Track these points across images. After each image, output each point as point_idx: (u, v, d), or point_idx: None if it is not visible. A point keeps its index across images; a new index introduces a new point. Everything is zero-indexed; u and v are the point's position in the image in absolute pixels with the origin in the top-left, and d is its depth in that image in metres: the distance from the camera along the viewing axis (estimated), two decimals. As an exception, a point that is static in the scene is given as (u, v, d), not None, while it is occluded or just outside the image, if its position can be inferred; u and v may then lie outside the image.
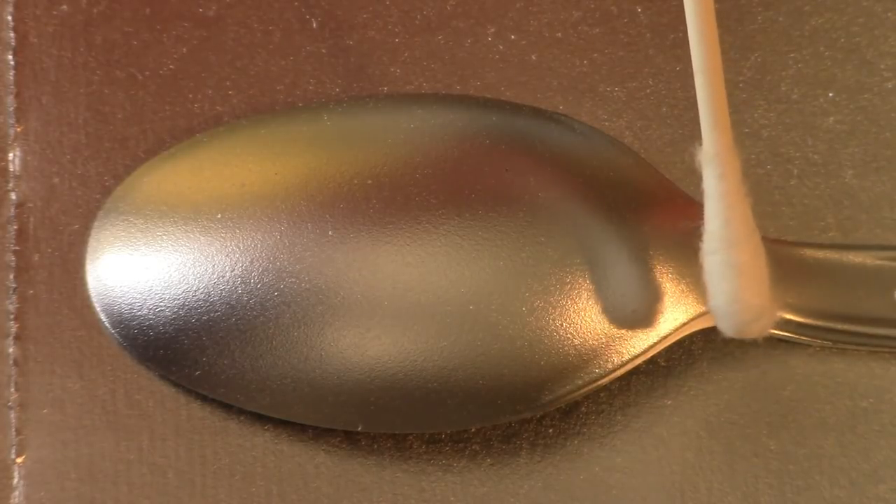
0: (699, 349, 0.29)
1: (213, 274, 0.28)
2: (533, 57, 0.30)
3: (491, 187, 0.28)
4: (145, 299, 0.28)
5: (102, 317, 0.29)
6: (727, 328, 0.27)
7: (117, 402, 0.29)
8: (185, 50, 0.30)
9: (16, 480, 0.29)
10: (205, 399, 0.29)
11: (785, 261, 0.29)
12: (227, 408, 0.29)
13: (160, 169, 0.29)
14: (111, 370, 0.29)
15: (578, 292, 0.28)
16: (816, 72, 0.30)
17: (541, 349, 0.28)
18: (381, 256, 0.28)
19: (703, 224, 0.27)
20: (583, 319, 0.28)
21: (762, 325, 0.27)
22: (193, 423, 0.29)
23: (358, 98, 0.30)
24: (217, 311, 0.28)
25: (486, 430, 0.29)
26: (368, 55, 0.30)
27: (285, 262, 0.28)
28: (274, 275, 0.28)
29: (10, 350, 0.29)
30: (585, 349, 0.28)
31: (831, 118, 0.30)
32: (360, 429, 0.28)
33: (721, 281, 0.27)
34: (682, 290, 0.28)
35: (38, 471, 0.29)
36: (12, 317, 0.29)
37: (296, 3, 0.31)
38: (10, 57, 0.30)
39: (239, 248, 0.28)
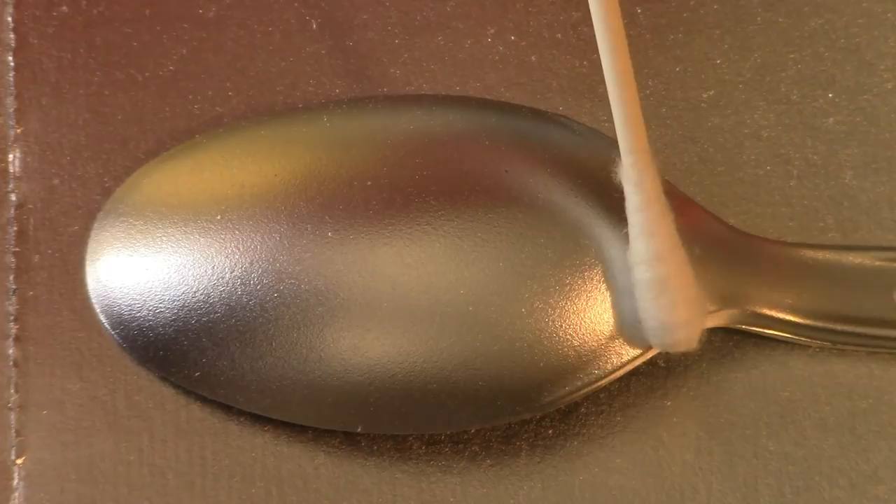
0: (699, 350, 0.29)
1: (212, 275, 0.28)
2: (533, 58, 0.30)
3: (490, 188, 0.28)
4: (145, 300, 0.28)
5: (102, 318, 0.29)
6: (654, 340, 0.27)
7: (117, 403, 0.29)
8: (184, 51, 0.30)
9: (16, 482, 0.29)
10: (205, 400, 0.29)
11: (785, 262, 0.29)
12: (227, 409, 0.29)
13: (160, 170, 0.29)
14: (111, 371, 0.29)
15: (578, 293, 0.28)
16: (816, 72, 0.30)
17: (540, 350, 0.28)
18: (380, 258, 0.28)
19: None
20: (582, 321, 0.28)
21: (688, 337, 0.27)
22: (193, 424, 0.29)
23: (358, 99, 0.30)
24: (217, 312, 0.28)
25: (486, 431, 0.29)
26: (368, 56, 0.30)
27: (285, 264, 0.28)
28: (273, 276, 0.28)
29: (10, 351, 0.29)
30: (585, 350, 0.28)
31: (831, 119, 0.30)
32: (359, 430, 0.28)
33: (647, 293, 0.27)
34: (682, 291, 0.28)
35: (38, 472, 0.29)
36: (12, 318, 0.29)
37: (296, 5, 0.31)
38: (10, 58, 0.30)
39: (239, 250, 0.28)
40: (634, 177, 0.26)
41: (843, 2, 0.30)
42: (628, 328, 0.28)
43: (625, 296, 0.28)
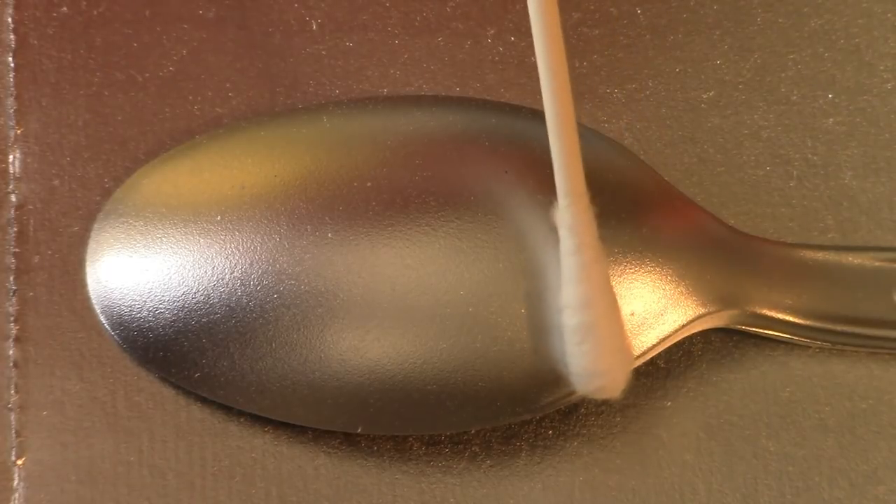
0: (698, 351, 0.29)
1: (212, 276, 0.28)
2: (533, 58, 0.30)
3: (490, 189, 0.28)
4: (145, 301, 0.28)
5: (102, 319, 0.29)
6: (578, 384, 0.27)
7: (117, 403, 0.29)
8: (184, 51, 0.30)
9: (16, 482, 0.29)
10: (204, 401, 0.29)
11: (784, 262, 0.29)
12: (227, 409, 0.29)
13: (160, 171, 0.29)
14: (111, 372, 0.29)
15: (578, 294, 0.28)
16: (816, 73, 0.30)
17: (540, 351, 0.28)
18: (380, 258, 0.28)
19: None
20: (582, 321, 0.28)
21: (611, 385, 0.27)
22: (193, 424, 0.29)
23: (357, 100, 0.30)
24: (217, 312, 0.28)
25: (486, 432, 0.29)
26: (368, 57, 0.30)
27: (285, 265, 0.28)
28: (273, 277, 0.28)
29: (11, 352, 0.29)
30: (585, 351, 0.28)
31: (831, 119, 0.30)
32: (359, 430, 0.28)
33: (572, 338, 0.27)
34: (682, 292, 0.28)
35: (38, 473, 0.29)
36: (12, 319, 0.29)
37: (296, 5, 0.31)
38: (10, 59, 0.30)
39: (238, 251, 0.28)
40: (568, 220, 0.26)
41: (843, 2, 0.30)
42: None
43: (624, 297, 0.28)
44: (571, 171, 0.26)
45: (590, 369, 0.27)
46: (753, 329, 0.29)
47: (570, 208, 0.26)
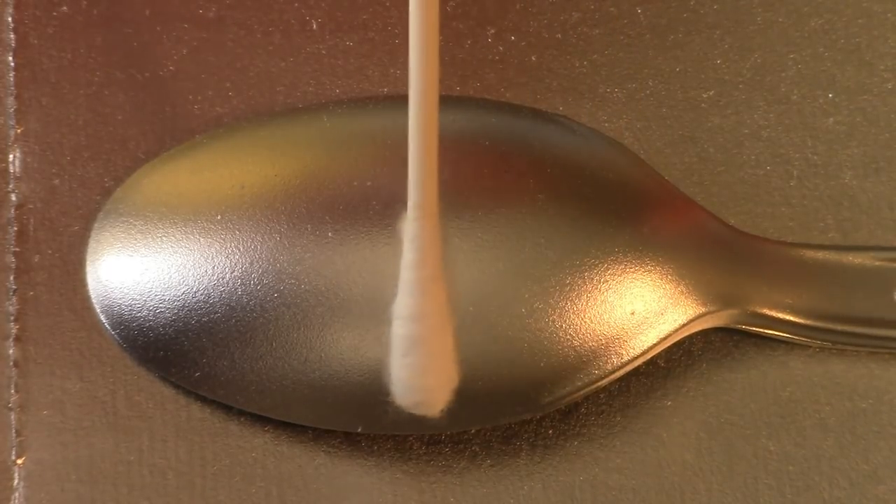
0: (699, 350, 0.29)
1: (212, 275, 0.28)
2: (533, 58, 0.30)
3: (490, 189, 0.28)
4: (145, 301, 0.28)
5: (102, 318, 0.29)
6: (397, 395, 0.27)
7: (117, 403, 0.29)
8: (185, 51, 0.30)
9: (16, 482, 0.29)
10: (205, 400, 0.29)
11: (785, 262, 0.29)
12: (227, 409, 0.29)
13: (160, 170, 0.29)
14: (111, 371, 0.29)
15: (578, 294, 0.28)
16: (816, 72, 0.30)
17: (540, 350, 0.28)
18: (380, 258, 0.28)
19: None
20: (582, 321, 0.28)
21: (428, 403, 0.27)
22: (193, 424, 0.29)
23: (358, 99, 0.30)
24: (217, 312, 0.28)
25: (486, 432, 0.29)
26: (368, 56, 0.30)
27: (285, 264, 0.28)
28: (274, 276, 0.28)
29: (11, 352, 0.29)
30: (585, 350, 0.28)
31: (831, 119, 0.30)
32: (359, 430, 0.28)
33: (398, 349, 0.26)
34: (682, 292, 0.28)
35: (39, 472, 0.29)
36: (12, 318, 0.29)
37: (296, 5, 0.31)
38: (10, 58, 0.30)
39: (239, 250, 0.28)
40: (413, 233, 0.26)
41: (843, 2, 0.30)
42: (627, 328, 0.28)
43: (624, 297, 0.28)
44: (426, 184, 0.25)
45: (410, 383, 0.26)
46: (753, 329, 0.29)
47: (418, 222, 0.26)
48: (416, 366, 0.26)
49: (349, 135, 0.29)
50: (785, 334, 0.29)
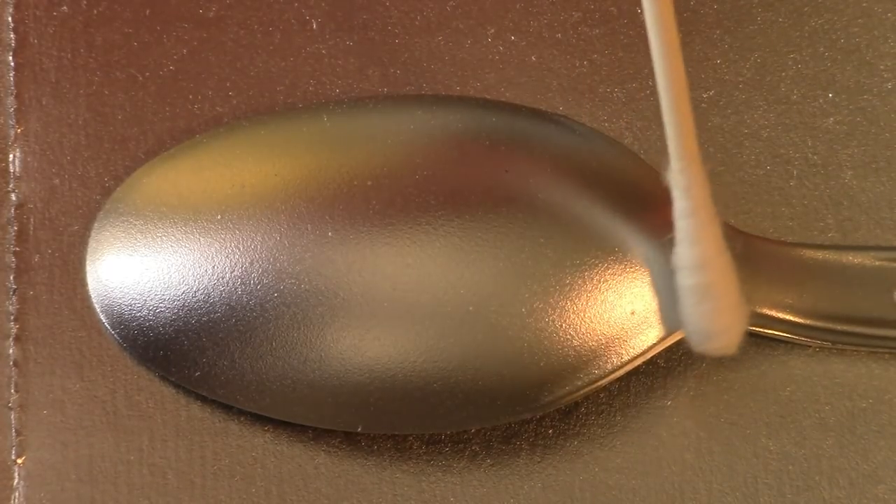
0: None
1: (212, 275, 0.28)
2: (533, 58, 0.30)
3: (490, 188, 0.28)
4: (145, 300, 0.28)
5: (102, 318, 0.29)
6: (696, 343, 0.27)
7: (117, 403, 0.29)
8: (185, 51, 0.30)
9: (16, 481, 0.29)
10: (205, 400, 0.29)
11: (784, 261, 0.29)
12: (227, 409, 0.29)
13: (160, 170, 0.29)
14: (111, 371, 0.29)
15: (578, 293, 0.28)
16: (816, 72, 0.30)
17: (540, 350, 0.28)
18: (380, 257, 0.28)
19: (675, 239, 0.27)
20: (582, 320, 0.28)
21: (728, 343, 0.27)
22: (193, 423, 0.29)
23: (358, 99, 0.30)
24: (217, 311, 0.28)
25: (486, 431, 0.29)
26: (368, 56, 0.30)
27: (285, 263, 0.28)
28: (274, 276, 0.28)
29: (11, 351, 0.29)
30: (585, 350, 0.28)
31: (831, 119, 0.30)
32: (359, 430, 0.28)
33: (690, 298, 0.27)
34: (682, 291, 0.28)
35: (39, 472, 0.29)
36: (12, 318, 0.29)
37: (296, 4, 0.31)
38: (11, 58, 0.30)
39: (239, 249, 0.28)
40: (683, 182, 0.26)
41: (843, 2, 0.30)
42: (627, 327, 0.28)
43: (624, 296, 0.28)
44: (685, 134, 0.26)
45: (708, 329, 0.27)
46: (753, 328, 0.29)
47: (685, 171, 0.26)
48: (713, 311, 0.27)
49: (349, 135, 0.29)
50: (785, 334, 0.29)
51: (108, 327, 0.29)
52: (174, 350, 0.28)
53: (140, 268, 0.28)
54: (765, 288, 0.29)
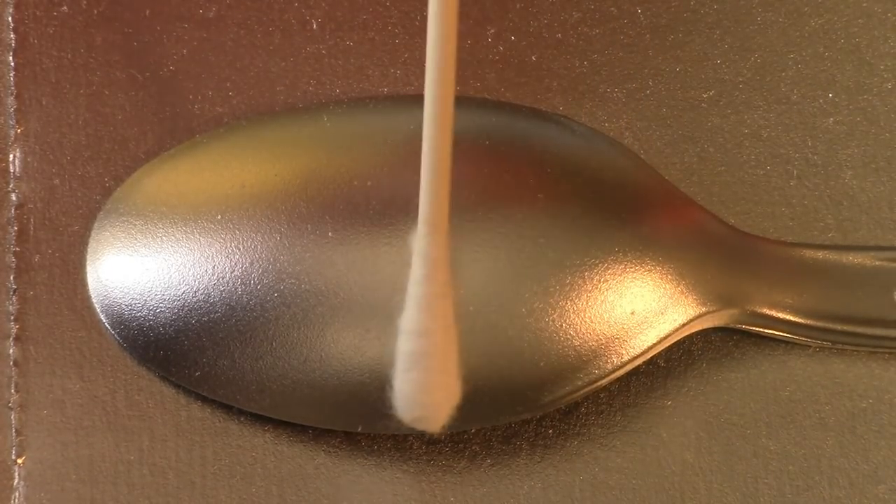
0: (698, 350, 0.29)
1: (213, 275, 0.28)
2: (533, 58, 0.30)
3: (490, 188, 0.28)
4: (145, 300, 0.28)
5: (103, 318, 0.29)
6: (401, 410, 0.26)
7: (117, 402, 0.29)
8: (185, 51, 0.30)
9: (16, 481, 0.29)
10: (205, 400, 0.29)
11: (785, 262, 0.29)
12: (227, 408, 0.29)
13: (160, 170, 0.29)
14: (111, 371, 0.29)
15: (578, 293, 0.28)
16: (816, 72, 0.30)
17: (540, 350, 0.28)
18: (380, 258, 0.28)
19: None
20: (582, 321, 0.28)
21: (430, 419, 0.26)
22: (193, 423, 0.29)
23: (358, 99, 0.30)
24: (217, 311, 0.28)
25: (486, 431, 0.29)
26: (368, 56, 0.30)
27: (285, 264, 0.28)
28: (274, 276, 0.28)
29: (11, 351, 0.29)
30: (585, 350, 0.28)
31: (831, 119, 0.30)
32: (359, 429, 0.28)
33: (403, 363, 0.26)
34: (682, 291, 0.28)
35: (39, 472, 0.29)
36: (12, 318, 0.29)
37: (296, 4, 0.31)
38: (11, 58, 0.30)
39: (239, 249, 0.28)
40: (423, 249, 0.25)
41: (843, 2, 0.30)
42: (627, 327, 0.28)
43: (624, 296, 0.28)
44: (438, 201, 0.25)
45: (412, 398, 0.26)
46: (753, 328, 0.29)
47: (428, 238, 0.25)
48: (420, 381, 0.26)
49: (349, 135, 0.29)
50: (785, 334, 0.29)
51: (108, 327, 0.29)
52: (174, 350, 0.28)
53: (140, 268, 0.28)
54: (765, 287, 0.29)
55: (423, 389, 0.26)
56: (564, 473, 0.29)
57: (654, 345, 0.28)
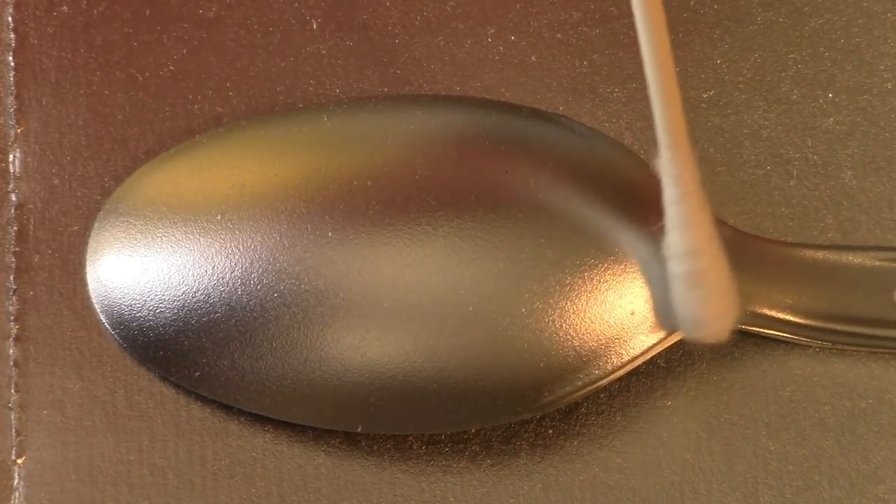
0: (699, 350, 0.29)
1: (212, 275, 0.28)
2: (533, 58, 0.30)
3: (490, 188, 0.28)
4: (145, 300, 0.28)
5: (102, 318, 0.29)
6: (688, 331, 0.28)
7: (117, 403, 0.29)
8: (185, 51, 0.30)
9: (16, 481, 0.29)
10: (205, 400, 0.29)
11: (784, 262, 0.29)
12: (227, 409, 0.29)
13: (160, 170, 0.29)
14: (111, 371, 0.29)
15: (578, 293, 0.28)
16: (816, 72, 0.30)
17: (540, 350, 0.28)
18: (380, 258, 0.28)
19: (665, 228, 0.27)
20: (582, 321, 0.28)
21: (720, 329, 0.27)
22: (193, 424, 0.29)
23: (358, 99, 0.30)
24: (217, 312, 0.28)
25: (486, 431, 0.29)
26: (368, 56, 0.30)
27: (285, 264, 0.28)
28: (274, 276, 0.28)
29: (11, 351, 0.29)
30: (585, 350, 0.28)
31: (831, 119, 0.30)
32: (359, 430, 0.28)
33: (681, 285, 0.27)
34: (682, 291, 0.28)
35: (39, 472, 0.29)
36: (13, 318, 0.29)
37: (296, 4, 0.31)
38: (11, 58, 0.30)
39: (239, 250, 0.28)
40: (673, 170, 0.26)
41: (843, 2, 0.30)
42: (627, 327, 0.28)
43: (625, 296, 0.28)
44: (674, 124, 0.26)
45: (700, 316, 0.27)
46: (753, 328, 0.29)
47: (675, 159, 0.26)
48: (705, 298, 0.27)
49: (349, 135, 0.29)
50: (785, 334, 0.29)
51: (108, 327, 0.29)
52: (174, 350, 0.28)
53: (140, 268, 0.28)
54: (765, 288, 0.29)
55: (708, 305, 0.27)
56: (564, 473, 0.29)
57: (654, 345, 0.28)
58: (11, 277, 0.29)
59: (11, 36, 0.30)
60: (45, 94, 0.30)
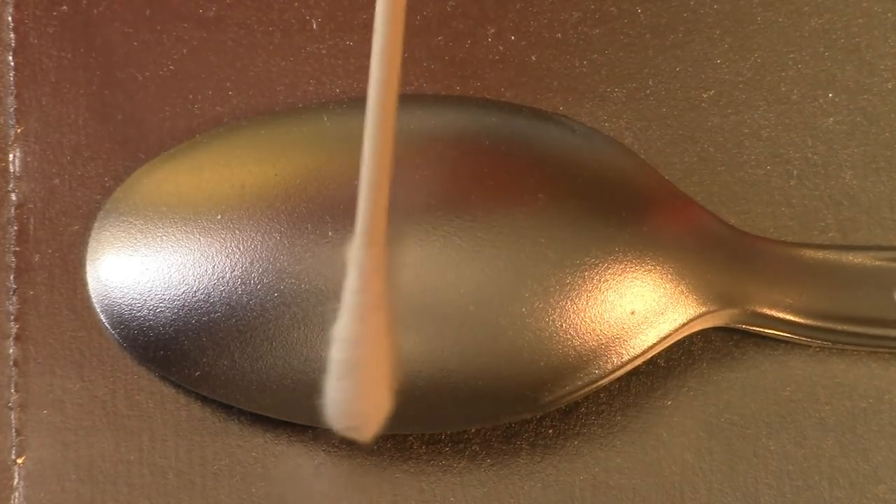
0: (699, 350, 0.29)
1: (213, 275, 0.28)
2: (533, 58, 0.30)
3: (490, 188, 0.28)
4: (145, 300, 0.28)
5: (103, 317, 0.29)
6: (328, 418, 0.26)
7: (117, 402, 0.29)
8: (185, 51, 0.30)
9: (16, 481, 0.29)
10: (205, 400, 0.29)
11: (785, 262, 0.29)
12: (227, 408, 0.29)
13: (160, 170, 0.29)
14: (111, 371, 0.29)
15: (578, 293, 0.28)
16: (816, 72, 0.30)
17: (540, 350, 0.28)
18: (380, 258, 0.28)
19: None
20: (582, 320, 0.28)
21: (360, 428, 0.26)
22: (193, 423, 0.29)
23: (358, 99, 0.30)
24: (217, 311, 0.28)
25: (486, 431, 0.29)
26: (368, 56, 0.30)
27: (285, 263, 0.28)
28: (274, 276, 0.28)
29: (11, 351, 0.29)
30: (585, 350, 0.28)
31: (831, 119, 0.30)
32: (359, 430, 0.28)
33: (335, 371, 0.26)
34: (682, 291, 0.28)
35: (39, 472, 0.29)
36: (12, 318, 0.29)
37: (296, 4, 0.31)
38: (11, 58, 0.30)
39: (239, 249, 0.28)
40: (359, 261, 0.25)
41: (843, 2, 0.30)
42: (627, 327, 0.28)
43: (625, 296, 0.28)
44: (375, 214, 0.25)
45: (343, 407, 0.26)
46: (754, 328, 0.29)
47: (365, 249, 0.25)
48: (352, 390, 0.26)
49: (349, 135, 0.29)
50: (785, 334, 0.29)
51: (108, 327, 0.29)
52: (174, 350, 0.28)
53: (140, 268, 0.28)
54: (765, 288, 0.29)
55: (354, 398, 0.26)
56: (564, 473, 0.29)
57: (654, 345, 0.28)
58: (11, 277, 0.29)
59: (11, 36, 0.30)
60: (45, 94, 0.30)
